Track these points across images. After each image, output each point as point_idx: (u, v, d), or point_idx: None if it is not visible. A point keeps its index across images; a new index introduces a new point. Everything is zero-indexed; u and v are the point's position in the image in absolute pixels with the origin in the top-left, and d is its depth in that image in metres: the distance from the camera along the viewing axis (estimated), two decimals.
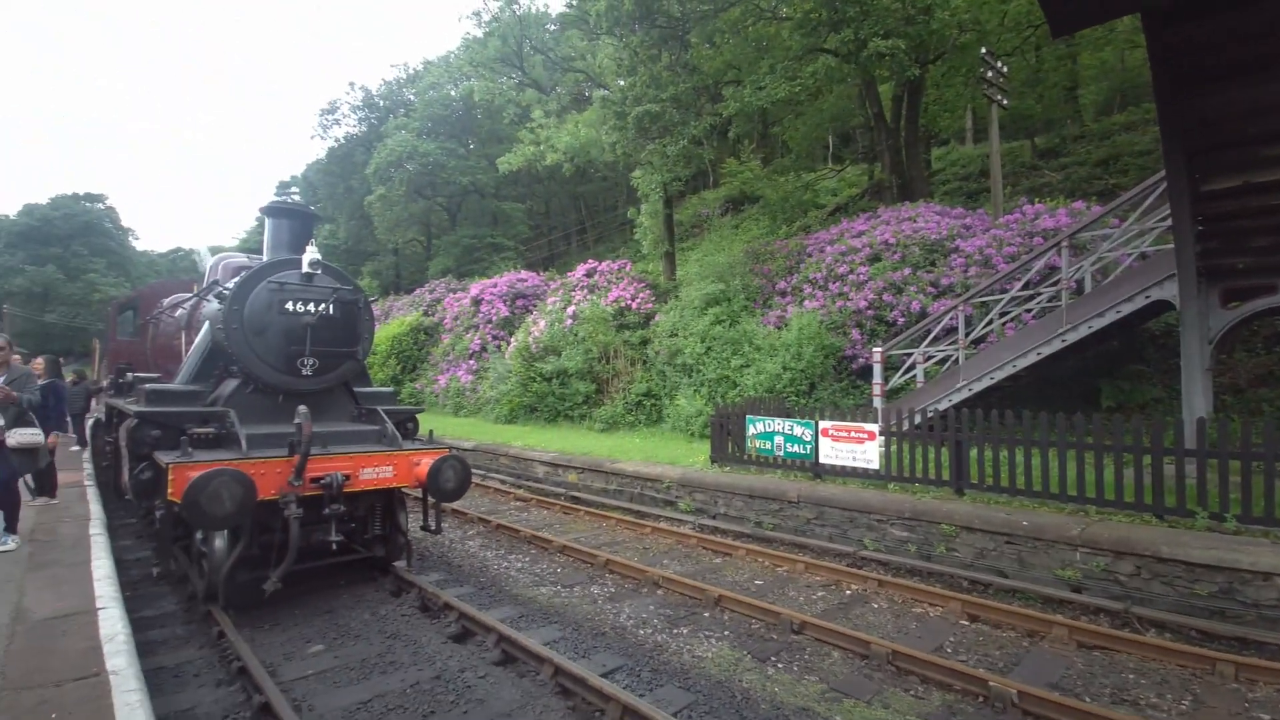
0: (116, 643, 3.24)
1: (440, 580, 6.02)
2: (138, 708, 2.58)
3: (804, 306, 12.06)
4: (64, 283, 46.74)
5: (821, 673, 4.29)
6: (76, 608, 3.81)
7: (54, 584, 4.23)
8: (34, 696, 2.70)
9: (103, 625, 3.48)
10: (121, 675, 2.87)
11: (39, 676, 2.91)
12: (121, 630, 3.42)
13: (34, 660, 3.07)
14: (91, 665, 3.00)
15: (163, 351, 8.75)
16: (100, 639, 3.29)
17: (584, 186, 32.69)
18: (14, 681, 2.83)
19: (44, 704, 2.64)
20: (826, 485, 7.61)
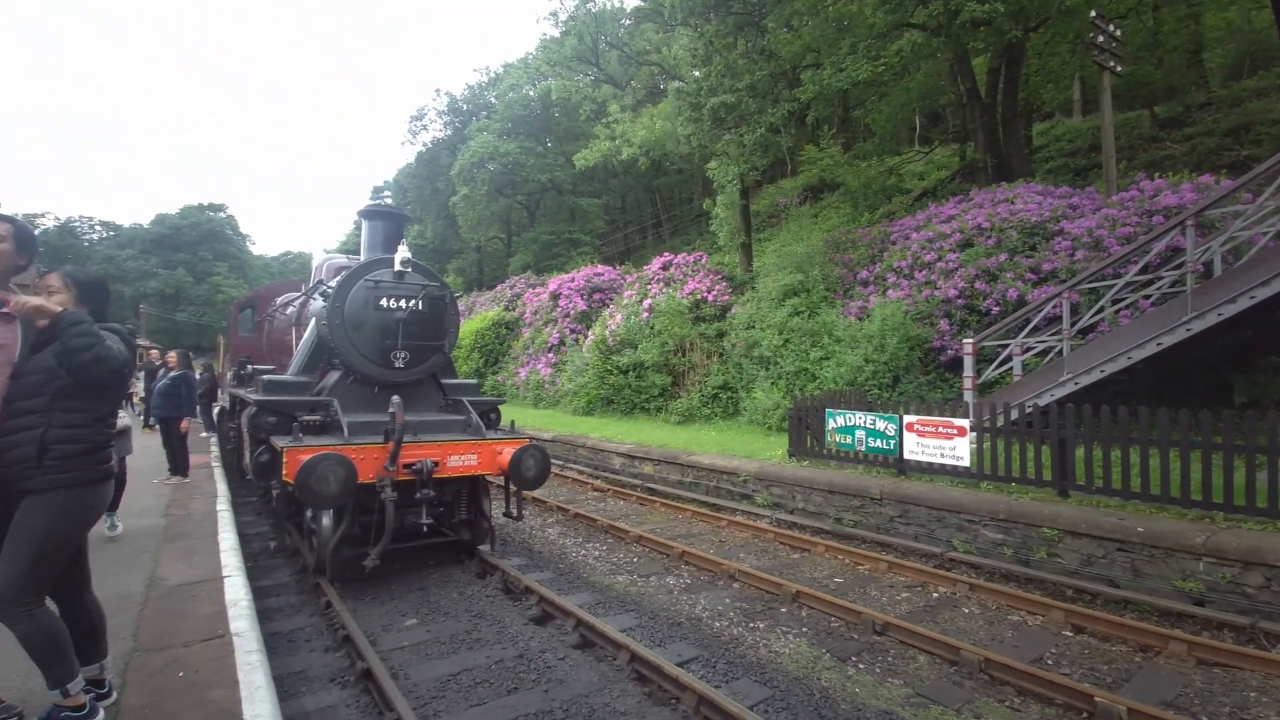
0: (239, 608, 3.59)
1: (522, 564, 6.24)
2: (257, 668, 2.85)
3: (887, 296, 11.54)
4: (192, 285, 51.94)
5: (906, 676, 4.13)
6: (205, 576, 4.25)
7: (185, 555, 4.73)
8: (164, 657, 3.05)
9: (227, 592, 3.87)
10: (243, 638, 3.18)
11: (169, 638, 3.27)
12: (244, 597, 3.78)
13: (165, 623, 3.45)
14: (217, 628, 3.34)
15: (276, 346, 9.57)
16: (225, 604, 3.66)
17: (659, 180, 32.70)
18: (146, 643, 3.20)
19: (173, 663, 2.97)
20: (911, 482, 7.28)
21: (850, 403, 8.38)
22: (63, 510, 2.35)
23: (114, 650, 3.05)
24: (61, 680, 2.32)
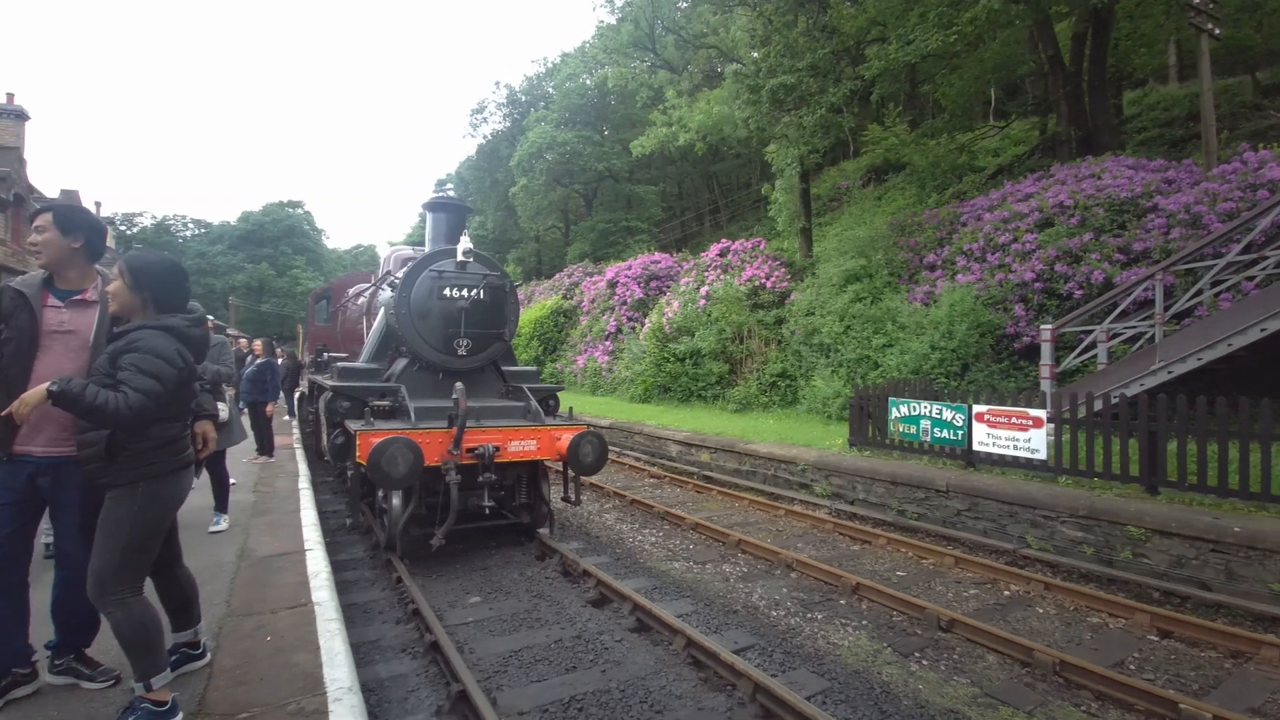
0: (320, 579, 3.84)
1: (579, 548, 6.36)
2: (336, 635, 3.05)
3: (956, 281, 11.02)
4: (274, 277, 55.18)
5: (973, 675, 3.98)
6: (289, 549, 4.55)
7: (272, 529, 5.08)
8: (253, 622, 3.30)
9: (309, 564, 4.14)
10: (324, 606, 3.40)
11: (257, 605, 3.53)
12: (324, 569, 4.04)
13: (255, 591, 3.73)
14: (300, 597, 3.59)
15: (349, 334, 10.06)
16: (307, 576, 3.92)
17: (717, 165, 32.27)
18: (237, 609, 3.47)
19: (261, 628, 3.21)
20: (981, 475, 6.96)
21: (915, 391, 8.08)
22: (144, 502, 2.38)
23: (209, 615, 3.32)
24: (147, 674, 2.36)
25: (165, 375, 2.32)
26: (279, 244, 57.94)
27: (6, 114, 19.75)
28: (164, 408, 2.37)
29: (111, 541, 2.33)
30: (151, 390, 2.27)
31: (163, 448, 2.44)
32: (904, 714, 3.52)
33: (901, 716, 3.49)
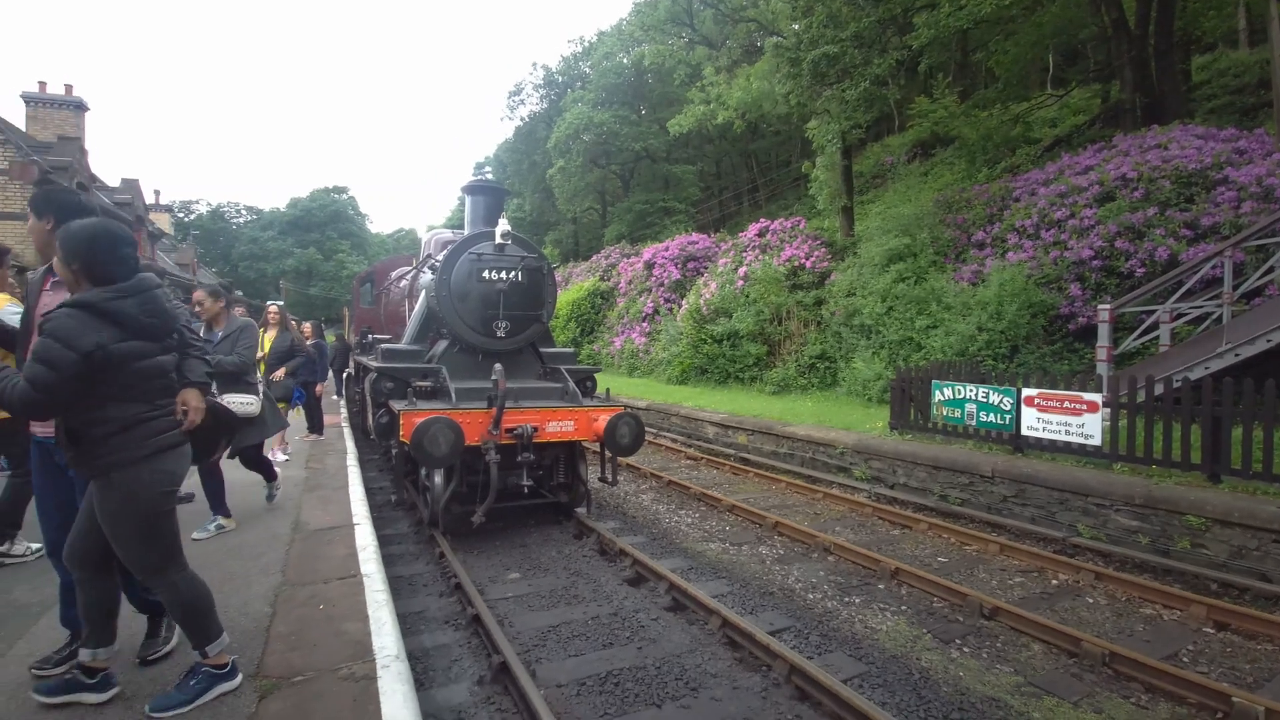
0: (368, 552, 3.99)
1: (616, 528, 6.43)
2: (384, 605, 3.18)
3: (1007, 259, 10.60)
4: (321, 262, 56.83)
5: (1017, 664, 3.90)
6: (339, 522, 4.74)
7: (322, 503, 5.30)
8: (308, 590, 3.46)
9: (358, 538, 4.31)
10: (371, 578, 3.55)
11: (311, 575, 3.70)
12: (371, 543, 4.20)
13: (308, 563, 3.90)
14: (350, 568, 3.74)
15: (392, 317, 10.31)
16: (356, 548, 4.09)
17: (755, 143, 31.62)
18: (292, 578, 3.64)
19: (314, 597, 3.37)
20: (1029, 460, 6.74)
21: (960, 374, 7.84)
22: (124, 493, 2.23)
23: (267, 582, 3.50)
24: (203, 643, 2.41)
25: (60, 361, 2.04)
26: (325, 229, 59.57)
27: (66, 105, 20.56)
28: (75, 394, 2.12)
29: (117, 533, 2.26)
30: (39, 378, 2.03)
31: (127, 431, 2.22)
32: (943, 700, 3.48)
33: (941, 703, 3.45)
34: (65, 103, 20.57)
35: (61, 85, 21.00)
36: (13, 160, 15.90)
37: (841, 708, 3.25)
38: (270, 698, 2.38)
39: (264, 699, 2.37)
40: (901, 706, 3.41)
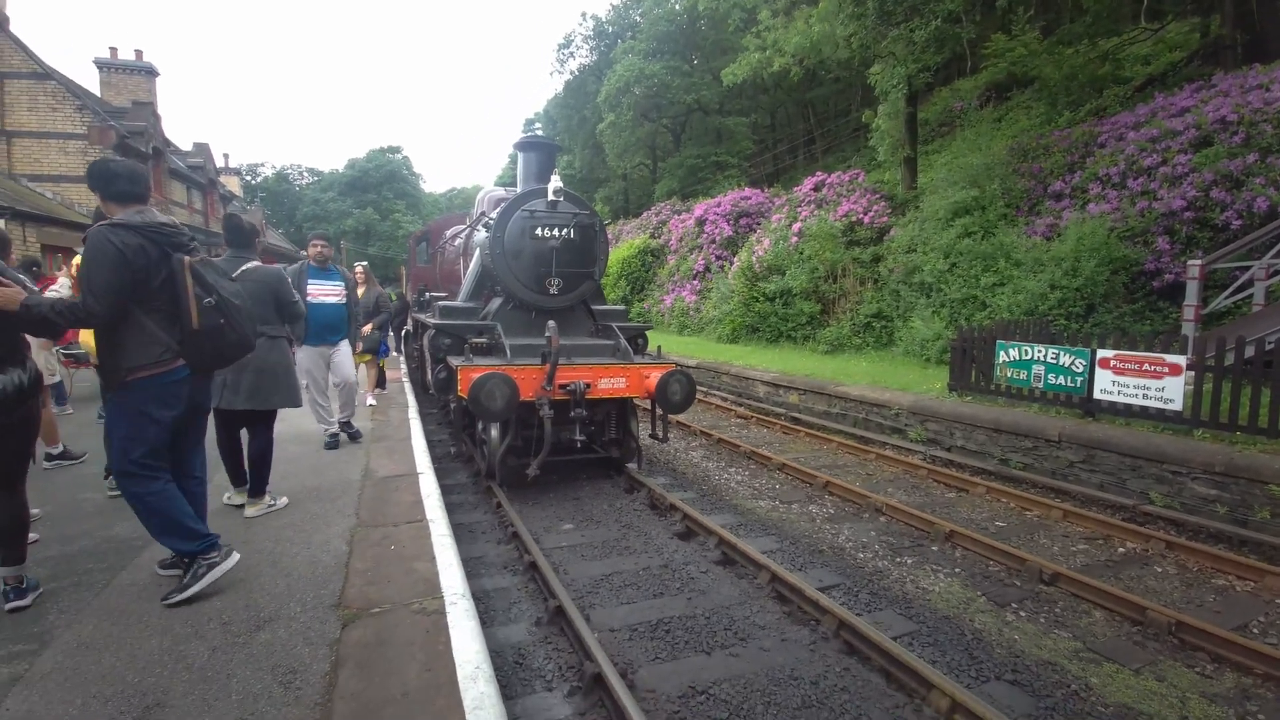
0: (432, 499, 4.21)
1: (666, 483, 6.53)
2: (449, 548, 3.38)
3: (1087, 211, 9.90)
4: (379, 222, 58.22)
5: (1076, 630, 3.82)
6: (404, 471, 5.00)
7: (389, 453, 5.58)
8: (379, 532, 3.69)
9: (422, 486, 4.55)
10: (436, 523, 3.75)
11: (382, 518, 3.94)
12: (435, 491, 4.42)
13: (379, 507, 4.15)
14: (416, 514, 3.97)
15: (447, 275, 10.54)
16: (421, 496, 4.32)
17: (813, 92, 30.14)
18: (365, 520, 3.89)
19: (386, 538, 3.60)
20: (1101, 425, 6.43)
21: (1028, 334, 7.46)
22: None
23: (344, 523, 3.75)
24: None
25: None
26: (381, 189, 60.79)
27: (138, 70, 21.35)
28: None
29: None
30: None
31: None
32: (996, 662, 3.45)
33: (994, 664, 3.42)
34: (136, 68, 21.36)
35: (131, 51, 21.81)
36: (91, 125, 16.78)
37: (890, 663, 3.28)
38: (352, 626, 2.59)
39: (346, 626, 2.58)
40: (952, 665, 3.40)
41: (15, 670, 2.26)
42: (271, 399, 4.03)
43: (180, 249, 2.87)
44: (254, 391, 3.93)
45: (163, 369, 2.80)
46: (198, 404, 3.08)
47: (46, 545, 3.37)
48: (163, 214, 2.93)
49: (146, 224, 2.78)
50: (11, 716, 2.00)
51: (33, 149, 16.54)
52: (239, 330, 2.97)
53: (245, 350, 3.10)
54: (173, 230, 2.89)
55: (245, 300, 3.11)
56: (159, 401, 2.82)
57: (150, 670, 2.27)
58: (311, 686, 2.17)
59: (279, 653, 2.40)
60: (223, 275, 3.07)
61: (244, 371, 3.83)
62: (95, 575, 3.10)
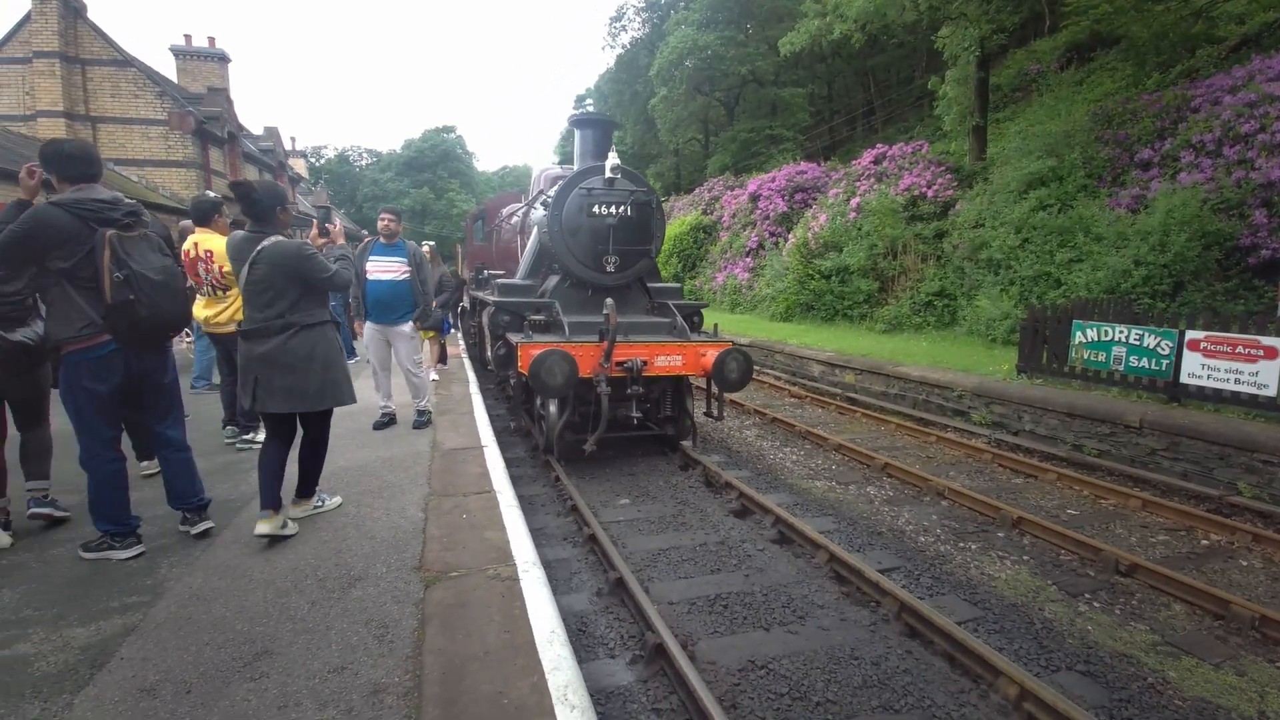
0: (498, 471, 4.37)
1: (721, 462, 6.54)
2: (518, 519, 3.52)
3: (1178, 181, 9.20)
4: (434, 200, 59.51)
5: (1154, 623, 3.67)
6: (469, 444, 5.19)
7: (454, 426, 5.79)
8: (451, 501, 3.86)
9: (487, 457, 4.72)
10: (504, 495, 3.90)
11: (452, 488, 4.11)
12: (500, 463, 4.59)
13: (448, 477, 4.33)
14: (484, 485, 4.13)
15: (503, 253, 10.71)
16: (487, 467, 4.48)
17: (874, 59, 28.80)
18: (437, 490, 4.07)
19: (458, 507, 3.76)
20: (1187, 410, 6.06)
21: (1108, 313, 7.06)
22: None
23: (417, 492, 3.94)
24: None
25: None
26: (436, 169, 62.00)
27: (210, 57, 22.35)
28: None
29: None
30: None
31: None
32: (1068, 652, 3.36)
33: (1065, 654, 3.33)
34: (210, 55, 22.33)
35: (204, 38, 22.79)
36: (171, 111, 17.68)
37: (954, 647, 3.23)
38: (434, 587, 2.75)
39: (429, 588, 2.74)
40: (1020, 654, 3.33)
41: (129, 620, 2.50)
42: (307, 399, 3.25)
43: (108, 224, 2.88)
44: (289, 391, 3.20)
45: (87, 343, 2.88)
46: (143, 377, 3.10)
47: (153, 505, 3.68)
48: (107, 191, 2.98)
49: (77, 200, 2.85)
50: (128, 663, 2.22)
51: (117, 134, 17.57)
52: (153, 308, 2.91)
53: (165, 328, 3.09)
54: (105, 205, 2.91)
55: (175, 277, 3.09)
56: (90, 374, 2.91)
57: (257, 620, 2.48)
58: (402, 641, 2.32)
59: (370, 609, 2.57)
60: (157, 251, 3.07)
61: (274, 368, 3.16)
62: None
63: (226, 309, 4.75)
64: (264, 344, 3.19)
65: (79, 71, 16.88)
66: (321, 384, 3.27)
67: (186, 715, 1.92)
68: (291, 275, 3.21)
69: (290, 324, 3.20)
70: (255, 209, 3.34)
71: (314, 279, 3.28)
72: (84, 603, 2.62)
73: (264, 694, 2.01)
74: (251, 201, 3.33)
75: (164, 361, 3.22)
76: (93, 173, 2.99)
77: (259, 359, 3.19)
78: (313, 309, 3.32)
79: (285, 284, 3.21)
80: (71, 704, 1.97)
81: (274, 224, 3.36)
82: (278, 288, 3.20)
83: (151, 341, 3.07)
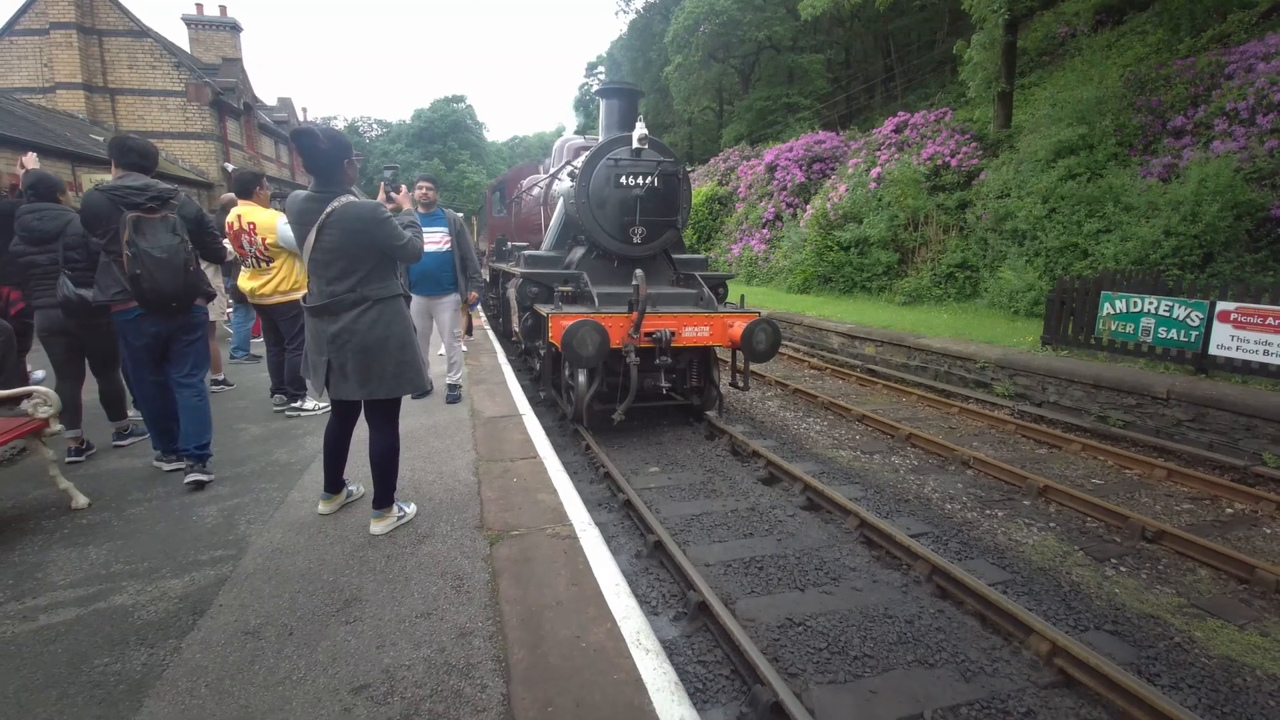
0: (539, 437, 4.52)
1: (746, 431, 6.64)
2: (568, 483, 3.67)
3: (1211, 150, 9.03)
4: (445, 172, 59.15)
5: (1180, 586, 3.78)
6: (507, 412, 5.32)
7: (489, 396, 5.93)
8: (499, 467, 4.01)
9: (528, 425, 4.85)
10: (550, 460, 4.04)
11: (498, 454, 4.26)
12: (540, 430, 4.72)
13: (492, 444, 4.47)
14: (528, 451, 4.27)
15: (523, 224, 10.71)
16: (529, 435, 4.62)
17: (896, 23, 28.01)
18: (484, 455, 4.22)
19: (507, 472, 3.91)
20: (1215, 382, 6.08)
21: (1136, 284, 7.03)
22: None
23: (467, 459, 4.09)
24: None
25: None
26: (446, 139, 61.48)
27: (222, 26, 22.05)
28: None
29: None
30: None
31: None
32: (1096, 613, 3.48)
33: (1093, 615, 3.45)
34: (221, 24, 22.07)
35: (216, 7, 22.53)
36: (188, 83, 17.65)
37: (986, 607, 3.36)
38: (498, 544, 2.90)
39: (494, 544, 2.90)
40: (1049, 614, 3.45)
41: (220, 572, 2.67)
42: (384, 384, 2.89)
43: (133, 207, 3.34)
44: (364, 376, 2.85)
45: (121, 306, 3.50)
46: (170, 337, 3.63)
47: (221, 466, 3.88)
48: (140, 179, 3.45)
49: (114, 186, 3.37)
50: (227, 609, 2.39)
51: (136, 106, 17.60)
52: (152, 281, 3.34)
53: (167, 299, 3.43)
54: (133, 190, 3.37)
55: (177, 255, 3.41)
56: (127, 331, 3.59)
57: (340, 571, 2.64)
58: (479, 591, 2.48)
59: (443, 562, 2.73)
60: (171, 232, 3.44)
61: (346, 350, 2.81)
62: (270, 493, 3.56)
63: (270, 280, 4.87)
64: (334, 321, 2.79)
65: (96, 42, 16.84)
66: (398, 367, 2.90)
67: (293, 654, 2.09)
68: (367, 241, 2.80)
69: (363, 298, 2.81)
70: (320, 161, 2.80)
71: (389, 247, 2.85)
72: (173, 556, 2.79)
73: (361, 635, 2.18)
74: (317, 154, 2.78)
75: (188, 324, 3.68)
76: (144, 164, 3.53)
77: (330, 339, 2.81)
78: (387, 280, 2.92)
79: (361, 251, 2.80)
80: (179, 647, 2.13)
81: (341, 181, 2.87)
82: (352, 256, 2.78)
83: (160, 308, 3.47)
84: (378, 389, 2.87)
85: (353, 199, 2.79)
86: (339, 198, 2.76)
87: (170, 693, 1.90)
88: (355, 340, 2.80)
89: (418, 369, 2.98)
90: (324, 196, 2.77)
